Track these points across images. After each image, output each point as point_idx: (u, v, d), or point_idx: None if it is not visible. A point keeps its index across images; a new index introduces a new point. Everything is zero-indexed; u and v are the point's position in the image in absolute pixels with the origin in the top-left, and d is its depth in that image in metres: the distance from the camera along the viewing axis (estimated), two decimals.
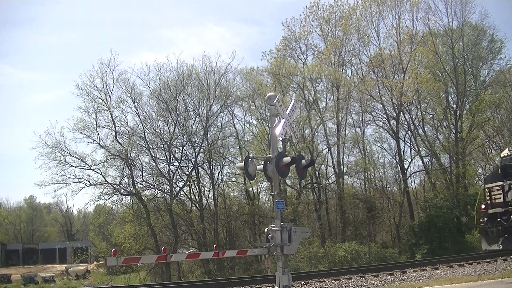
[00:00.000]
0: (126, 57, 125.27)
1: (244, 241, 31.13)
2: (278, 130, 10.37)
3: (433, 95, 32.89)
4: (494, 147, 37.30)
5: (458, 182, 31.73)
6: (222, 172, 31.78)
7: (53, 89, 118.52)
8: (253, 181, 27.66)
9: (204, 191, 31.51)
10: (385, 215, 35.05)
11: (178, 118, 30.35)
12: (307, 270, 21.74)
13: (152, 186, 30.54)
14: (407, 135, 34.12)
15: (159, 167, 30.36)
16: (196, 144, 30.63)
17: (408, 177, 34.24)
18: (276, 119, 10.61)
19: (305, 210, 33.23)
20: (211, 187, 31.16)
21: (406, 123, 33.70)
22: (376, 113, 34.13)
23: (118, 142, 29.60)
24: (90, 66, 57.11)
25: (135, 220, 30.13)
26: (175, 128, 30.29)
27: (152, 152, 30.21)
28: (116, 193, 29.64)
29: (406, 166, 33.66)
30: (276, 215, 10.05)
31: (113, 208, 31.53)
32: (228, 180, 32.55)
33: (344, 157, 33.93)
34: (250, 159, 10.24)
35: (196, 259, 22.96)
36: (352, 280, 14.23)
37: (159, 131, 30.47)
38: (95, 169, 29.21)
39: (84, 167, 29.00)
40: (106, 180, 29.35)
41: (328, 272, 16.44)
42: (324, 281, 14.19)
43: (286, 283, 9.68)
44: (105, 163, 29.49)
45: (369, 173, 36.43)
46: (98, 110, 29.11)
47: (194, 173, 30.74)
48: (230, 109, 31.95)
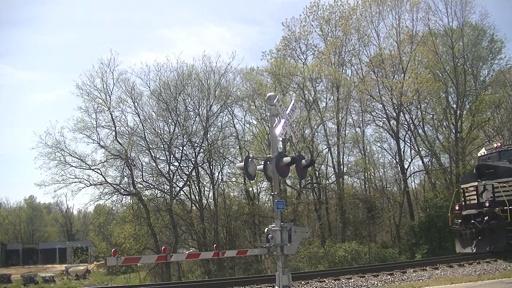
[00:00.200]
0: (126, 57, 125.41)
1: (244, 241, 31.13)
2: (278, 130, 10.37)
3: (433, 95, 32.87)
4: None
5: (458, 182, 31.66)
6: (222, 172, 31.89)
7: (53, 89, 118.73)
8: (253, 181, 27.65)
9: (204, 191, 31.60)
10: (385, 215, 35.04)
11: (178, 118, 30.38)
12: (307, 270, 21.70)
13: (152, 186, 30.60)
14: (407, 135, 34.18)
15: (159, 167, 30.45)
16: (196, 144, 30.67)
17: (408, 177, 34.32)
18: (276, 119, 10.61)
19: (305, 210, 33.23)
20: (211, 187, 31.20)
21: (406, 123, 33.73)
22: (376, 113, 34.19)
23: (118, 142, 29.68)
24: (90, 66, 57.07)
25: (135, 220, 30.14)
26: (175, 128, 30.35)
27: (152, 152, 30.28)
28: (116, 193, 29.70)
29: (406, 166, 33.72)
30: (276, 215, 10.05)
31: (113, 208, 31.63)
32: (228, 180, 32.62)
33: (344, 157, 34.02)
34: (250, 159, 10.25)
35: (196, 259, 22.96)
36: (352, 280, 14.21)
37: (159, 131, 30.55)
38: (95, 169, 29.32)
39: (84, 167, 29.11)
40: (106, 180, 29.45)
41: (328, 272, 16.38)
42: (324, 281, 14.16)
43: (286, 283, 9.69)
44: (105, 163, 29.59)
45: (369, 173, 36.45)
46: (98, 110, 29.23)
47: (194, 173, 30.76)
48: (230, 109, 32.06)
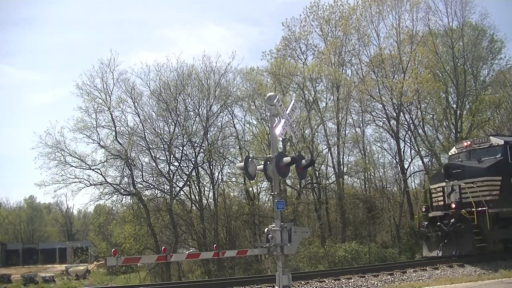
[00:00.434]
0: (126, 57, 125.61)
1: (244, 241, 31.08)
2: (278, 130, 10.38)
3: (433, 95, 32.83)
4: None
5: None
6: (222, 172, 31.80)
7: (53, 89, 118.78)
8: (253, 181, 27.60)
9: (204, 191, 31.50)
10: (385, 215, 34.99)
11: (178, 118, 30.33)
12: (307, 270, 21.66)
13: (152, 186, 30.54)
14: (407, 135, 34.08)
15: (159, 167, 30.36)
16: (196, 144, 30.62)
17: (408, 177, 34.21)
18: (276, 119, 10.62)
19: (305, 210, 33.20)
20: (211, 187, 31.15)
21: (406, 123, 33.66)
22: (376, 113, 34.09)
23: (118, 142, 29.59)
24: (90, 66, 56.89)
25: (135, 220, 30.10)
26: (175, 128, 30.30)
27: (152, 152, 30.21)
28: (116, 193, 29.63)
29: (406, 166, 33.62)
30: (276, 215, 10.06)
31: (113, 208, 31.52)
32: (228, 180, 32.55)
33: (344, 157, 33.92)
34: (250, 159, 10.26)
35: (196, 259, 22.96)
36: (352, 280, 14.22)
37: (159, 131, 30.46)
38: (95, 169, 29.20)
39: (84, 167, 28.98)
40: (106, 180, 29.34)
41: (328, 272, 16.36)
42: (324, 281, 14.16)
43: (286, 283, 9.69)
44: (105, 163, 29.47)
45: (369, 173, 36.36)
46: (98, 110, 29.08)
47: (194, 173, 30.71)
48: (230, 109, 31.94)
